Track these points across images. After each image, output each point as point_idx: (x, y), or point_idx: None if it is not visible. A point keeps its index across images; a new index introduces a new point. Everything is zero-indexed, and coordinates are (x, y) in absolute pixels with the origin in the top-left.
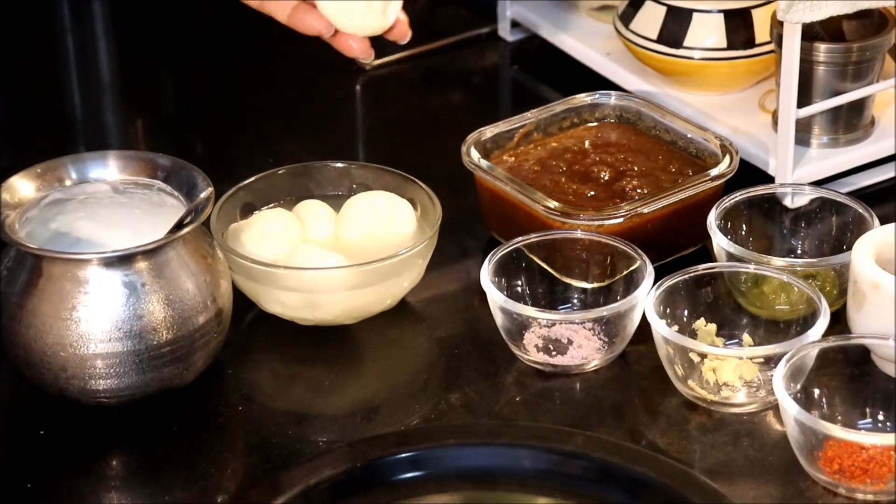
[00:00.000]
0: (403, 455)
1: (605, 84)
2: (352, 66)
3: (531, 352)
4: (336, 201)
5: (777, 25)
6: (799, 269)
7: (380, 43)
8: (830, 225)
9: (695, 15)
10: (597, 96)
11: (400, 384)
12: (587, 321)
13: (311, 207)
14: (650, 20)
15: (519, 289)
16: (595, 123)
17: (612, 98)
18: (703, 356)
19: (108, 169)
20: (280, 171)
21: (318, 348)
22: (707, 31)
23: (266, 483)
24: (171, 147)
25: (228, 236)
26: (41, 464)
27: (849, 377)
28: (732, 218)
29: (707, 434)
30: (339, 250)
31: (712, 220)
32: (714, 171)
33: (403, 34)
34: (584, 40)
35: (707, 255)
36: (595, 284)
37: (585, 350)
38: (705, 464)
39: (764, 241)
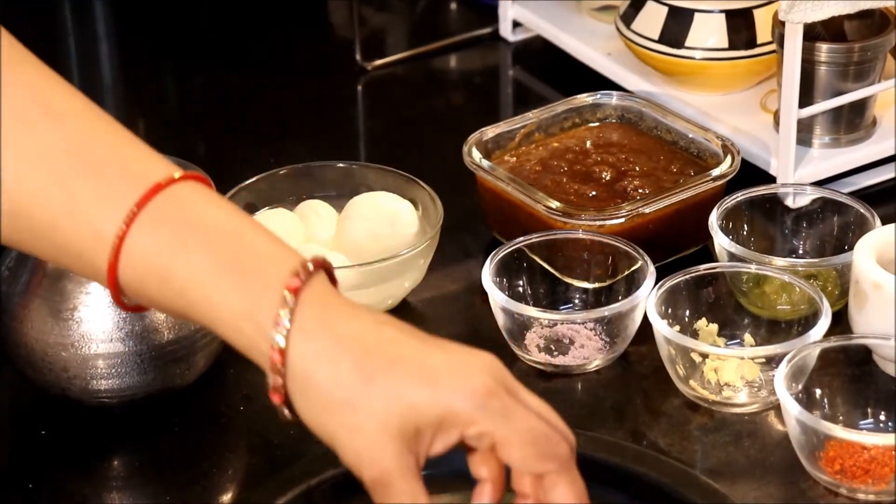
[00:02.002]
0: None
1: (607, 84)
2: (353, 66)
3: (533, 352)
4: (338, 202)
5: (779, 25)
6: (800, 269)
7: (382, 43)
8: (832, 225)
9: (696, 15)
10: (598, 96)
11: None
12: (589, 321)
13: (313, 208)
14: (651, 20)
15: (520, 289)
16: (596, 123)
17: (614, 98)
18: (704, 356)
19: None
20: (282, 172)
21: None
22: (708, 32)
23: (268, 483)
24: (173, 147)
25: None
26: (43, 464)
27: (850, 377)
28: (734, 218)
29: (708, 434)
30: (341, 250)
31: (714, 220)
32: (715, 172)
33: None
34: (586, 40)
35: (708, 255)
36: (596, 284)
37: (587, 350)
38: (707, 464)
39: (765, 241)
